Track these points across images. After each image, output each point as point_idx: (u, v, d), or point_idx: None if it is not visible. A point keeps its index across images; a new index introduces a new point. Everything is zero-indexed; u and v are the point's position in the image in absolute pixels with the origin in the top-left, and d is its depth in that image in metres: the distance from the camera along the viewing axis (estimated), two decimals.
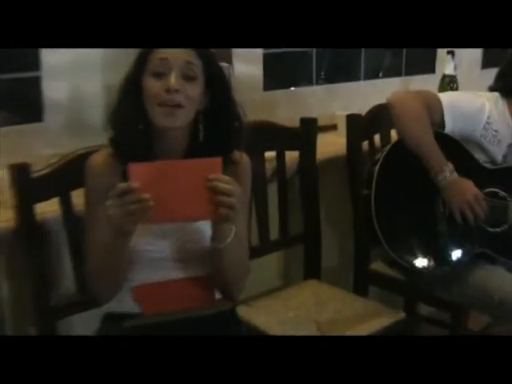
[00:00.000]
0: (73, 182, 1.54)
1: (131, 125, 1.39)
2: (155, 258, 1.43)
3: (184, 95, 1.36)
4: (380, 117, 2.10)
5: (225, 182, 1.27)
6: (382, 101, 2.06)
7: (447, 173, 1.80)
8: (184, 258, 1.46)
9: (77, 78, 1.87)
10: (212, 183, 1.25)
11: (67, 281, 1.64)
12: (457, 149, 1.89)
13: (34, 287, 1.56)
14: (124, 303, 1.44)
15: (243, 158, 1.49)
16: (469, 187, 1.82)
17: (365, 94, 2.60)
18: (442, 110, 1.86)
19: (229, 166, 1.42)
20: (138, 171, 1.23)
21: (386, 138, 2.16)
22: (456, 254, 1.86)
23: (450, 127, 1.87)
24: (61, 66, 1.82)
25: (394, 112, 1.87)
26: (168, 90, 1.34)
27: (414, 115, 1.83)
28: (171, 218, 1.30)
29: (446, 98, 1.89)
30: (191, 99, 1.37)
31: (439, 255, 1.86)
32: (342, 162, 2.16)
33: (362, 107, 2.18)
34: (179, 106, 1.36)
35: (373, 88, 2.68)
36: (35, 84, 1.83)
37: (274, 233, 2.02)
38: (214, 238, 1.38)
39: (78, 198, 1.54)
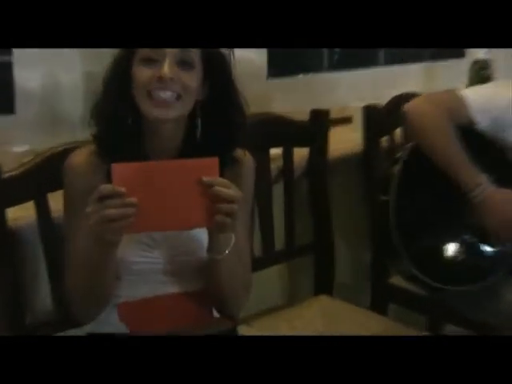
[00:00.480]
0: (50, 183, 1.54)
1: (118, 119, 1.40)
2: (144, 271, 1.44)
3: (180, 84, 1.37)
4: (400, 109, 2.11)
5: (223, 186, 1.27)
6: (404, 90, 2.08)
7: (482, 187, 1.80)
8: (177, 270, 1.47)
9: (53, 63, 1.88)
10: (209, 188, 1.26)
11: (43, 296, 1.65)
12: (491, 148, 1.90)
13: (5, 303, 1.57)
14: (108, 322, 1.45)
15: (246, 157, 1.50)
16: (508, 204, 1.81)
17: (384, 82, 2.62)
18: (469, 110, 1.85)
19: (230, 165, 1.44)
20: (123, 172, 1.23)
21: None
22: (488, 271, 1.86)
23: (482, 127, 1.87)
24: (35, 50, 1.81)
25: (410, 125, 1.88)
26: (161, 79, 1.35)
27: (434, 125, 1.84)
28: (161, 227, 1.31)
29: (471, 94, 1.88)
30: (188, 89, 1.38)
31: (469, 271, 1.87)
32: (358, 161, 2.17)
33: (381, 97, 2.20)
34: (174, 96, 1.36)
35: (393, 75, 2.69)
36: (5, 71, 1.83)
37: (279, 242, 2.03)
38: (210, 248, 1.39)
39: (55, 201, 1.55)
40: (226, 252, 1.37)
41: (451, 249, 1.86)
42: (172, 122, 1.41)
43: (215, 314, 1.53)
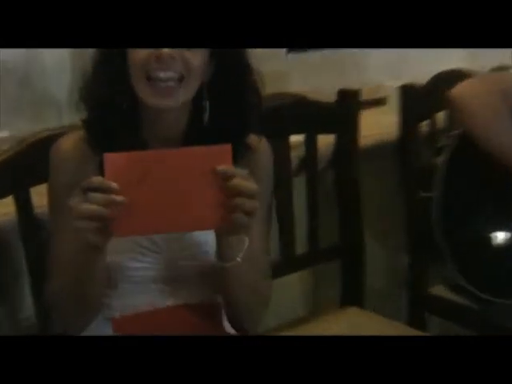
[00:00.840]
0: (32, 174, 1.54)
1: (112, 102, 1.39)
2: (144, 278, 1.44)
3: (182, 64, 1.35)
4: (444, 89, 2.08)
5: (242, 178, 1.24)
6: (447, 67, 2.06)
7: None
8: (181, 278, 1.46)
9: None
10: (224, 180, 1.23)
11: (24, 305, 1.66)
12: None
13: None
14: None
15: (262, 144, 1.49)
16: None
17: (423, 58, 2.60)
18: None
19: (243, 154, 1.43)
20: (118, 163, 1.22)
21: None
22: None
23: None
24: None
25: (458, 110, 1.88)
26: (160, 57, 1.34)
27: (487, 109, 1.83)
28: (162, 228, 1.29)
29: None
30: (191, 69, 1.36)
31: None
32: (393, 150, 2.17)
33: (420, 76, 2.19)
34: (175, 77, 1.35)
35: (434, 50, 2.66)
36: None
37: (301, 244, 2.02)
38: (219, 253, 1.37)
39: (39, 196, 1.54)
40: (239, 258, 1.35)
41: (504, 254, 1.87)
42: (174, 108, 1.40)
43: (227, 328, 1.51)
